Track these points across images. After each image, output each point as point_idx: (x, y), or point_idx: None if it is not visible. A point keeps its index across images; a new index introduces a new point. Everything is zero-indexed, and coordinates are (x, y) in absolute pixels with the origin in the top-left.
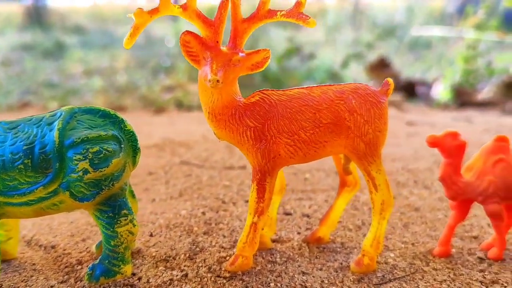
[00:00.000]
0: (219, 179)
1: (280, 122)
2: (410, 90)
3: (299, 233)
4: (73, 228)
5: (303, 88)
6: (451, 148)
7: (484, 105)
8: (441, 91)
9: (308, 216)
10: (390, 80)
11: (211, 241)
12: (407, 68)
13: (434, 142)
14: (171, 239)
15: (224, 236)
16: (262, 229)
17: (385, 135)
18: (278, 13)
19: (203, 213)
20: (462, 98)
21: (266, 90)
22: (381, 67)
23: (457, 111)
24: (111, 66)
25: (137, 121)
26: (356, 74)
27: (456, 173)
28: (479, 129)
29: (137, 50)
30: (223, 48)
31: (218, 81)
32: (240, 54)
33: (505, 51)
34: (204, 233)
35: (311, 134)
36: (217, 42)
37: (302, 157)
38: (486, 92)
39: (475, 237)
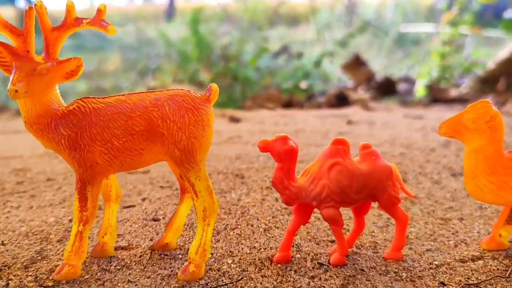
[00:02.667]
0: None
1: (92, 130)
2: (389, 87)
3: (151, 239)
4: None
5: (122, 95)
6: (281, 152)
7: (456, 101)
8: (417, 88)
9: None
10: (214, 86)
11: (58, 249)
12: (396, 65)
13: (264, 147)
14: (21, 247)
15: None
16: (103, 237)
17: (202, 142)
18: (84, 21)
19: (70, 220)
20: (435, 94)
21: (86, 98)
22: (356, 65)
23: (426, 108)
24: (101, 69)
25: None
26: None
27: (289, 178)
28: (415, 127)
29: (129, 51)
30: (37, 57)
31: (16, 91)
32: (48, 63)
33: (491, 47)
34: (58, 241)
35: (125, 142)
36: (28, 51)
37: (119, 166)
38: (463, 87)
39: (332, 241)
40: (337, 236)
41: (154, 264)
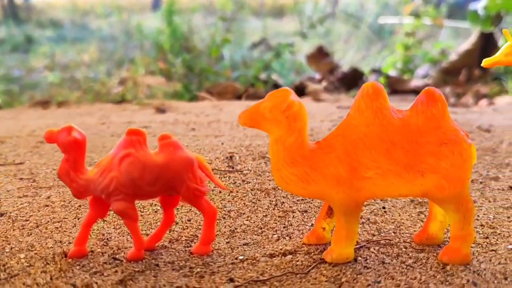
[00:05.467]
0: None
1: None
2: (356, 78)
3: None
4: None
5: None
6: (65, 143)
7: (415, 92)
8: (378, 80)
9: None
10: None
11: None
12: (374, 56)
13: (49, 138)
14: None
15: None
16: None
17: None
18: None
19: None
20: (393, 85)
21: None
22: (319, 56)
23: None
24: (78, 60)
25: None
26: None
27: (76, 170)
28: (331, 118)
29: (108, 42)
30: None
31: None
32: None
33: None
34: None
35: None
36: None
37: None
38: (427, 79)
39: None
40: (131, 230)
41: None
